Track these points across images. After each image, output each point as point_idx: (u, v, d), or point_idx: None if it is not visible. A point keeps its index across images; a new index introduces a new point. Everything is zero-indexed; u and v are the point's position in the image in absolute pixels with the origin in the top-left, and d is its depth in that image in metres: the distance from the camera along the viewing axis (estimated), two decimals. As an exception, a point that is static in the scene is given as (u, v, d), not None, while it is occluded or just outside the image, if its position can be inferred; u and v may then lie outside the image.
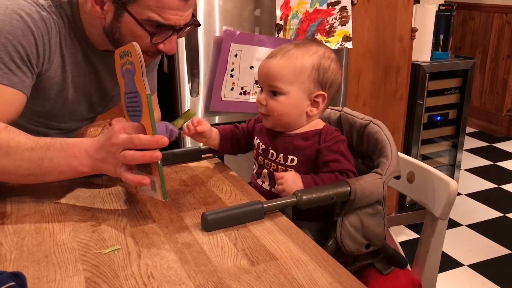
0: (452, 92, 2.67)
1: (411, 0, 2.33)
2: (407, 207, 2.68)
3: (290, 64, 1.02)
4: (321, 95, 1.04)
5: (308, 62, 1.02)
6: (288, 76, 1.02)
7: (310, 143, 1.04)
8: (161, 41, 1.06)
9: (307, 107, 1.05)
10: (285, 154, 1.05)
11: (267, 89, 1.05)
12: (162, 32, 1.05)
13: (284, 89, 1.02)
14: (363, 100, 2.37)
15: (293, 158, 1.05)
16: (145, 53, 1.08)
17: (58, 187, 1.05)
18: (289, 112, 1.04)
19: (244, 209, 0.90)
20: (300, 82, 1.02)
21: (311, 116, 1.06)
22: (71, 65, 1.14)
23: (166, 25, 1.03)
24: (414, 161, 1.20)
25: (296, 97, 1.03)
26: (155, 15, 1.01)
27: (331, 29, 2.10)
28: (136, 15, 1.02)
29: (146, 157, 0.86)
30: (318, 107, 1.05)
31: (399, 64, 2.39)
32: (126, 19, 1.03)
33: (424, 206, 1.16)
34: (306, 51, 1.03)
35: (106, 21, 1.07)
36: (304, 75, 1.02)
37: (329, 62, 1.04)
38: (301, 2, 2.01)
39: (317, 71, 1.03)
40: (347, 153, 1.04)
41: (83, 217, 0.92)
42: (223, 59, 1.92)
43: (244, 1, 1.92)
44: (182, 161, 1.20)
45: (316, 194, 0.94)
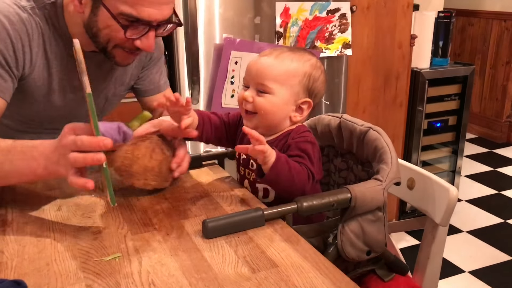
0: (452, 99, 2.67)
1: (410, 7, 2.34)
2: (407, 213, 2.67)
3: (283, 66, 1.03)
4: (307, 102, 1.06)
5: (301, 68, 1.04)
6: (280, 77, 1.03)
7: (282, 142, 1.05)
8: (136, 36, 1.04)
9: (291, 111, 1.06)
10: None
11: (254, 87, 1.04)
12: (137, 27, 1.03)
13: (273, 89, 1.03)
14: (363, 107, 2.37)
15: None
16: (122, 49, 1.08)
17: (59, 194, 1.05)
18: (275, 111, 1.04)
19: (244, 216, 0.90)
20: (290, 85, 1.03)
21: (294, 122, 1.07)
22: (58, 67, 1.13)
23: (141, 20, 1.02)
24: (414, 167, 1.21)
25: (283, 99, 1.03)
26: (129, 9, 1.00)
27: (330, 36, 2.11)
28: (110, 8, 1.01)
29: (87, 160, 0.84)
30: (302, 114, 1.07)
31: (399, 71, 2.40)
32: (102, 12, 1.02)
33: (425, 213, 1.16)
34: (300, 57, 1.05)
35: (85, 15, 1.06)
36: (295, 79, 1.04)
37: (320, 73, 1.07)
38: (300, 10, 2.02)
39: (308, 78, 1.04)
40: (313, 155, 1.02)
41: (84, 224, 0.93)
42: (223, 67, 1.93)
43: (244, 9, 1.93)
44: (182, 168, 1.20)
45: (316, 201, 0.94)
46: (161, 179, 1.02)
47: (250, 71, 1.06)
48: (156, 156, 1.00)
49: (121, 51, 1.09)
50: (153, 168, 1.00)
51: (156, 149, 1.01)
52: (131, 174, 0.99)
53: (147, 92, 1.36)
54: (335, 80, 2.20)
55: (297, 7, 2.01)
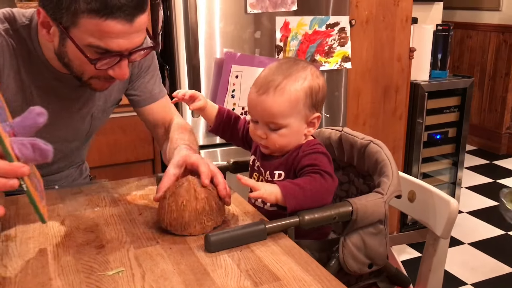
0: (451, 111, 2.69)
1: (409, 21, 2.37)
2: (408, 225, 2.67)
3: (285, 99, 1.01)
4: (316, 117, 1.07)
5: (300, 91, 1.02)
6: (285, 111, 1.02)
7: (293, 155, 1.06)
8: (107, 67, 1.01)
9: (305, 129, 1.07)
10: (272, 170, 1.07)
11: (264, 124, 1.04)
12: (106, 58, 0.99)
13: (284, 123, 1.03)
14: (363, 120, 2.38)
15: (280, 173, 1.06)
16: (97, 79, 1.05)
17: (62, 209, 1.06)
18: (289, 141, 1.05)
19: (246, 230, 0.91)
20: (296, 113, 1.03)
21: (308, 135, 1.09)
22: (36, 89, 1.11)
23: (111, 51, 0.98)
24: (415, 180, 1.21)
25: (295, 126, 1.04)
26: (97, 41, 0.95)
27: (330, 50, 2.13)
28: (77, 40, 0.96)
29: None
30: (314, 127, 1.08)
31: (398, 84, 2.42)
32: (70, 44, 0.98)
33: (426, 225, 1.16)
34: (295, 80, 1.02)
35: (54, 44, 1.02)
36: (299, 105, 1.03)
37: (318, 81, 1.05)
38: (300, 24, 2.04)
39: (310, 96, 1.04)
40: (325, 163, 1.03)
41: (87, 239, 0.93)
42: (224, 80, 1.94)
43: (244, 23, 1.95)
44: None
45: (318, 214, 0.95)
46: (216, 215, 0.97)
47: (254, 109, 1.04)
48: (201, 195, 0.95)
49: (96, 81, 1.07)
50: (203, 208, 0.94)
51: (197, 188, 0.95)
52: (185, 225, 0.93)
53: (142, 102, 1.31)
54: (335, 93, 2.21)
55: (297, 21, 2.03)
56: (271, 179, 1.07)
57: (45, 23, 0.99)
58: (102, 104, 1.25)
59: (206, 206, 0.94)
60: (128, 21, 0.95)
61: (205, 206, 0.94)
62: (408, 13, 2.36)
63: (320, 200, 0.98)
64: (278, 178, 1.06)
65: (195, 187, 0.95)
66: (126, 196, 1.13)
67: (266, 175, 1.08)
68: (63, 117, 1.18)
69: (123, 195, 1.14)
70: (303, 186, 0.97)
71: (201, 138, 2.00)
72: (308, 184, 0.98)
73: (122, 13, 0.94)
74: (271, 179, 1.07)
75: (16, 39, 1.07)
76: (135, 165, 2.07)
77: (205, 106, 1.18)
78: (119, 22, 0.94)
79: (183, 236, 0.94)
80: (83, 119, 1.22)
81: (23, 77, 1.09)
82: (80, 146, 1.32)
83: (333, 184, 1.01)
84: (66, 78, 1.12)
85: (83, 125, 1.24)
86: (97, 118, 1.26)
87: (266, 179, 1.09)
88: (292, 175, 1.05)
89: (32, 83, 1.10)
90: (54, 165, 1.26)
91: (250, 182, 0.97)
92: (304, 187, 0.97)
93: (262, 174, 1.10)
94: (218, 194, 0.98)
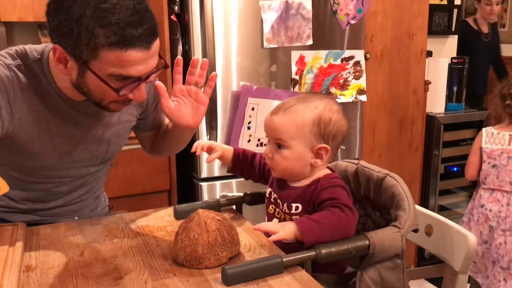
0: (468, 143, 2.68)
1: (424, 54, 2.39)
2: (426, 259, 2.63)
3: (291, 120, 1.05)
4: (323, 148, 1.07)
5: (308, 117, 1.05)
6: (290, 132, 1.05)
7: (311, 189, 1.07)
8: (128, 92, 1.06)
9: (311, 159, 1.07)
10: (289, 202, 1.08)
11: (273, 142, 1.09)
12: (128, 85, 1.04)
13: (288, 143, 1.06)
14: (378, 152, 2.39)
15: (297, 206, 1.07)
16: (117, 103, 1.10)
17: (82, 239, 1.07)
18: (292, 165, 1.07)
19: (263, 263, 0.91)
20: (301, 137, 1.05)
21: (316, 167, 1.09)
22: (52, 118, 1.15)
23: (131, 77, 1.03)
24: (432, 214, 1.21)
25: (299, 150, 1.06)
26: (118, 70, 1.00)
27: (345, 83, 2.16)
28: (98, 71, 1.00)
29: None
30: (322, 159, 1.08)
31: (414, 116, 2.43)
32: (90, 75, 1.02)
33: (444, 260, 1.15)
34: (307, 106, 1.06)
35: (72, 77, 1.05)
36: (305, 130, 1.05)
37: (330, 115, 1.07)
38: (315, 58, 2.08)
39: (318, 125, 1.05)
40: (344, 196, 1.03)
41: (105, 270, 0.94)
42: (240, 113, 1.98)
43: (260, 57, 1.99)
44: (201, 214, 1.21)
45: (335, 248, 0.95)
46: (230, 245, 0.97)
47: (266, 128, 1.10)
48: (212, 227, 0.95)
49: (115, 104, 1.12)
50: (216, 240, 0.94)
51: (207, 221, 0.96)
52: (199, 258, 0.94)
53: (149, 128, 1.38)
54: (351, 125, 2.23)
55: (312, 55, 2.07)
56: (288, 211, 1.08)
57: (62, 58, 1.03)
58: (119, 129, 1.28)
59: (218, 238, 0.95)
60: (146, 48, 1.00)
61: (217, 237, 0.95)
62: (423, 47, 2.39)
63: (340, 234, 0.98)
64: (295, 211, 1.07)
65: (205, 219, 0.96)
66: (144, 227, 1.15)
67: (284, 207, 1.09)
68: (80, 143, 1.21)
69: (141, 226, 1.15)
70: (321, 221, 0.98)
71: (216, 169, 2.02)
72: (327, 218, 0.98)
73: (140, 41, 0.99)
74: (288, 211, 1.08)
75: (28, 73, 1.11)
76: (151, 196, 2.09)
77: (222, 154, 1.21)
78: (139, 50, 0.99)
79: (200, 268, 0.94)
80: (99, 144, 1.26)
81: (38, 108, 1.13)
82: (98, 172, 1.34)
83: (354, 217, 1.01)
84: (80, 105, 1.17)
85: (98, 150, 1.27)
86: (113, 144, 1.29)
87: (284, 211, 1.09)
88: (310, 208, 1.05)
89: (47, 113, 1.14)
90: (74, 192, 1.29)
91: (267, 227, 0.97)
92: (322, 222, 0.97)
93: (279, 206, 1.11)
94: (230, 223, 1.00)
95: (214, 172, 2.03)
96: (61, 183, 1.26)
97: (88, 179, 1.31)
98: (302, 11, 2.02)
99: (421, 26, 2.37)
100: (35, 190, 1.24)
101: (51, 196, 1.27)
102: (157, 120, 1.38)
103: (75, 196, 1.31)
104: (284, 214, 1.09)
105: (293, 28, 2.01)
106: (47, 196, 1.26)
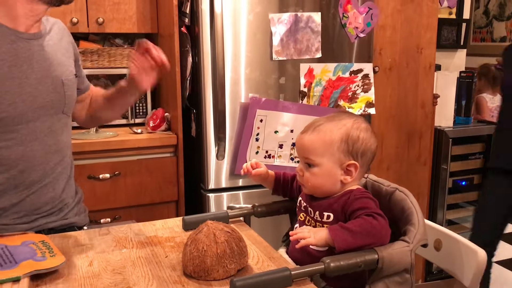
0: (476, 157, 2.67)
1: (432, 68, 2.40)
2: (434, 274, 2.61)
3: (319, 138, 1.09)
4: (352, 165, 1.08)
5: (336, 135, 1.08)
6: (318, 149, 1.08)
7: (343, 199, 1.08)
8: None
9: (340, 175, 1.09)
10: (321, 211, 1.09)
11: (303, 161, 1.12)
12: None
13: (316, 161, 1.08)
14: (387, 165, 2.38)
15: (329, 214, 1.08)
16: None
17: (90, 250, 1.08)
18: (322, 182, 1.09)
19: (272, 276, 0.91)
20: (330, 154, 1.08)
21: (346, 183, 1.10)
22: (5, 60, 1.16)
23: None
24: (441, 228, 1.20)
25: (328, 167, 1.08)
26: None
27: (354, 95, 2.16)
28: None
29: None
30: (351, 175, 1.09)
31: (422, 130, 2.42)
32: None
33: (453, 275, 1.14)
34: (335, 125, 1.09)
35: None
36: (333, 148, 1.07)
37: (358, 133, 1.09)
38: (324, 71, 2.08)
39: (346, 142, 1.07)
40: (374, 206, 1.05)
41: (114, 280, 0.94)
42: (249, 124, 1.98)
43: (269, 70, 2.00)
44: (209, 226, 1.22)
45: (344, 262, 0.95)
46: (238, 257, 0.96)
47: (297, 147, 1.14)
48: (220, 239, 0.95)
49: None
50: (224, 252, 0.94)
51: (216, 232, 0.96)
52: (208, 270, 0.93)
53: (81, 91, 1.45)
54: (359, 138, 2.22)
55: (321, 68, 2.07)
56: (320, 219, 1.09)
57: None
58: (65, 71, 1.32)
59: (227, 249, 0.95)
60: None
61: (226, 249, 0.95)
62: (431, 60, 2.39)
63: (373, 241, 1.00)
64: (327, 219, 1.08)
65: (214, 231, 0.96)
66: (153, 238, 1.15)
67: (315, 215, 1.10)
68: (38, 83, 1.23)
69: (149, 237, 1.16)
70: (353, 229, 0.99)
71: (224, 181, 2.03)
72: (359, 226, 1.00)
73: None
74: (320, 219, 1.09)
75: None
76: (159, 206, 2.10)
77: (266, 173, 1.26)
78: None
79: (209, 280, 0.94)
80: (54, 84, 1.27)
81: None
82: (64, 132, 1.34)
83: (387, 224, 1.03)
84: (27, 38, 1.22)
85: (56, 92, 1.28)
86: (67, 86, 1.32)
87: (315, 219, 1.10)
88: (342, 217, 1.06)
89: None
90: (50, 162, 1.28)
91: (300, 234, 1.00)
92: (354, 230, 0.99)
93: (309, 214, 1.13)
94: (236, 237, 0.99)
95: (222, 183, 2.03)
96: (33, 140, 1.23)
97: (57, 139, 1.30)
98: (311, 24, 2.03)
99: (430, 39, 2.37)
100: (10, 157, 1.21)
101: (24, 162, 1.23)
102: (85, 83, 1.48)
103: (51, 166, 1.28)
104: (315, 222, 1.10)
105: (302, 41, 2.02)
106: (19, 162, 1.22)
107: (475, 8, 4.31)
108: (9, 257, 0.97)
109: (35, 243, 1.05)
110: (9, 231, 1.18)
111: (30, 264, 0.95)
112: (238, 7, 1.92)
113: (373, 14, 2.14)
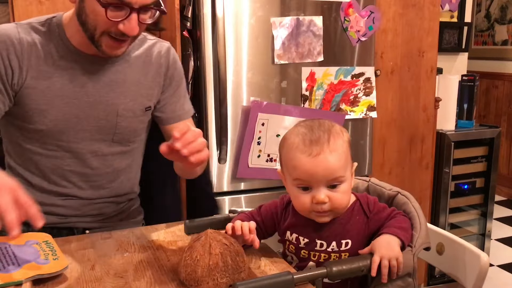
0: (478, 161, 2.66)
1: (434, 71, 2.39)
2: (436, 277, 2.60)
3: (341, 152, 1.00)
4: (356, 167, 1.07)
5: (345, 143, 1.02)
6: (343, 164, 1.01)
7: (358, 218, 1.05)
8: (118, 19, 1.10)
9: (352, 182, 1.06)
10: (338, 240, 1.03)
11: (324, 185, 1.00)
12: (119, 10, 1.09)
13: (344, 177, 1.01)
14: (388, 168, 2.38)
15: (347, 241, 1.03)
16: (108, 35, 1.14)
17: (93, 253, 1.08)
18: (349, 196, 1.05)
19: (274, 280, 0.91)
20: (347, 164, 1.02)
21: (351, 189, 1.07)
22: (61, 76, 1.20)
23: (123, 1, 1.08)
24: (444, 232, 1.20)
25: (350, 179, 1.04)
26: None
27: (355, 99, 2.16)
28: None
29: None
30: (353, 177, 1.07)
31: (424, 133, 2.42)
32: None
33: (455, 279, 1.14)
34: (337, 135, 1.02)
35: (76, 5, 1.16)
36: (348, 157, 1.03)
37: (347, 134, 1.05)
38: (326, 74, 2.09)
39: (350, 147, 1.04)
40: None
41: (116, 284, 0.94)
42: (250, 128, 1.98)
43: (271, 73, 2.00)
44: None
45: (346, 266, 0.95)
46: (232, 273, 0.92)
47: (311, 173, 0.99)
48: (215, 250, 0.91)
49: (107, 39, 1.15)
50: (216, 264, 0.90)
51: (212, 243, 0.92)
52: (198, 280, 0.91)
53: (168, 121, 1.38)
54: (360, 142, 2.22)
55: (323, 72, 2.08)
56: (337, 249, 1.03)
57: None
58: (129, 102, 1.28)
59: (219, 262, 0.91)
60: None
61: (219, 262, 0.91)
62: (433, 64, 2.39)
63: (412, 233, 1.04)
64: (345, 247, 1.03)
65: (210, 241, 0.93)
66: (155, 241, 1.15)
67: (331, 246, 1.03)
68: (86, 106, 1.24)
69: (151, 240, 1.16)
70: (403, 226, 1.03)
71: (226, 184, 2.03)
72: (403, 222, 1.04)
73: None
74: (338, 248, 1.03)
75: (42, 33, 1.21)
76: (161, 210, 2.09)
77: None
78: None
79: (211, 285, 0.94)
80: (106, 111, 1.26)
81: (44, 68, 1.20)
82: (116, 160, 1.32)
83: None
84: (90, 62, 1.23)
85: (106, 120, 1.27)
86: (123, 117, 1.28)
87: (331, 250, 1.03)
88: (361, 238, 1.04)
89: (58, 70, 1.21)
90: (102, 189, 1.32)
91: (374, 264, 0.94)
92: (404, 227, 1.02)
93: (317, 248, 1.04)
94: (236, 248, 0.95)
95: (223, 187, 2.03)
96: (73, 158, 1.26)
97: (104, 163, 1.30)
98: (313, 28, 2.03)
99: (431, 43, 2.37)
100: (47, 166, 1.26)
101: (64, 176, 1.27)
102: (177, 110, 1.38)
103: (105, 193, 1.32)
104: (329, 254, 1.03)
105: (303, 45, 2.03)
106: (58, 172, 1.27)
107: (476, 11, 4.31)
108: (12, 259, 0.97)
109: (38, 243, 1.04)
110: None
111: (33, 267, 0.95)
112: (239, 11, 1.93)
113: (374, 17, 2.14)
